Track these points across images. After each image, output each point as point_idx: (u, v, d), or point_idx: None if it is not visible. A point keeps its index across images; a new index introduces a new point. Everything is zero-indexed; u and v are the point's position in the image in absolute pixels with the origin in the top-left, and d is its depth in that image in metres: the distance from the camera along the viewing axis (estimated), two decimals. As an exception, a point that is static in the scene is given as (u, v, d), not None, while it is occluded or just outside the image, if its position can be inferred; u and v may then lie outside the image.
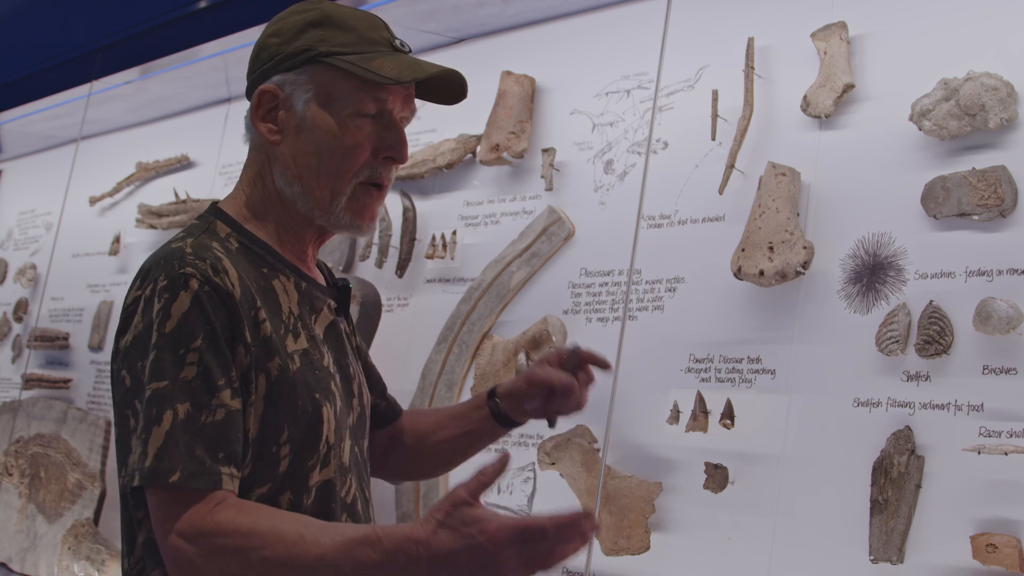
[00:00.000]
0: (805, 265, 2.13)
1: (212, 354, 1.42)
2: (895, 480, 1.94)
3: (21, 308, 4.61)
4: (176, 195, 3.85)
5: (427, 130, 3.06)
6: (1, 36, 4.44)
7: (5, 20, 4.41)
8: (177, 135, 4.08)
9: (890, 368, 2.01)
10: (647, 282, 2.44)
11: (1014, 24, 2.00)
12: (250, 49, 1.65)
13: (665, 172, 2.46)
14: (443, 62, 1.64)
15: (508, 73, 2.84)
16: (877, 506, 1.96)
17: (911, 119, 2.06)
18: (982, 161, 1.97)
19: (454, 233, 2.92)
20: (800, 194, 2.20)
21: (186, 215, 3.76)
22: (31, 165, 5.02)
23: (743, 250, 2.21)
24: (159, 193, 4.03)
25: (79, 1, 4.00)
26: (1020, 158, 1.94)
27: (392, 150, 1.59)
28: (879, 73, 2.17)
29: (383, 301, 2.99)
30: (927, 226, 2.02)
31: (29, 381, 4.27)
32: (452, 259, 2.91)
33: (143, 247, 4.04)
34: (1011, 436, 1.84)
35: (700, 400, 2.26)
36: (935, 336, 1.95)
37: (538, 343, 2.57)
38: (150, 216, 3.91)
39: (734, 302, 2.27)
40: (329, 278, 1.75)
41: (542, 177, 2.73)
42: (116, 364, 1.49)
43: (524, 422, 1.85)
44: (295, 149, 1.57)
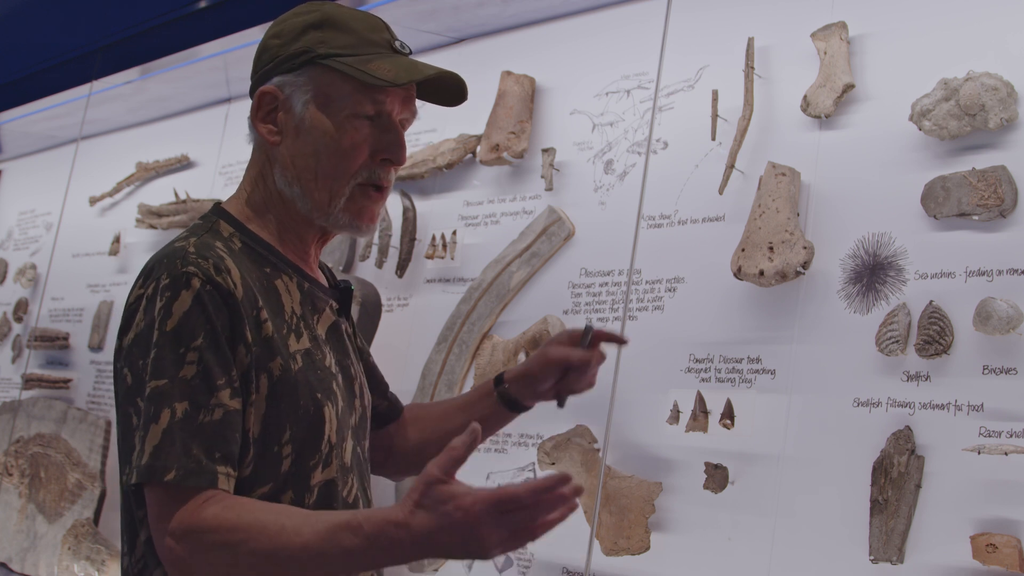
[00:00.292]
0: (805, 265, 2.13)
1: (212, 353, 1.42)
2: (895, 480, 1.94)
3: (21, 308, 4.61)
4: (176, 195, 3.85)
5: (427, 130, 3.06)
6: (1, 36, 4.44)
7: (5, 20, 4.41)
8: (177, 135, 4.08)
9: (890, 368, 2.01)
10: (647, 282, 2.44)
11: (1014, 24, 2.00)
12: (250, 49, 1.65)
13: (665, 172, 2.46)
14: (443, 62, 1.64)
15: (508, 73, 2.84)
16: (877, 506, 1.96)
17: (911, 119, 2.06)
18: (982, 161, 1.97)
19: (454, 233, 2.92)
20: (800, 194, 2.20)
21: (186, 215, 3.76)
22: (31, 165, 5.02)
23: (743, 250, 2.21)
24: (159, 193, 4.03)
25: (79, 1, 4.00)
26: (1020, 158, 1.94)
27: (389, 152, 1.59)
28: (879, 73, 2.17)
29: (383, 301, 2.99)
30: (927, 226, 2.02)
31: (29, 381, 4.27)
32: (452, 259, 2.91)
33: (143, 247, 4.03)
34: (1011, 436, 1.84)
35: (700, 400, 2.26)
36: (935, 336, 1.95)
37: (538, 343, 2.57)
38: (150, 216, 3.91)
39: (734, 302, 2.27)
40: (331, 279, 1.76)
41: (542, 177, 2.73)
42: (119, 362, 1.49)
43: (532, 405, 1.84)
44: (294, 150, 1.57)
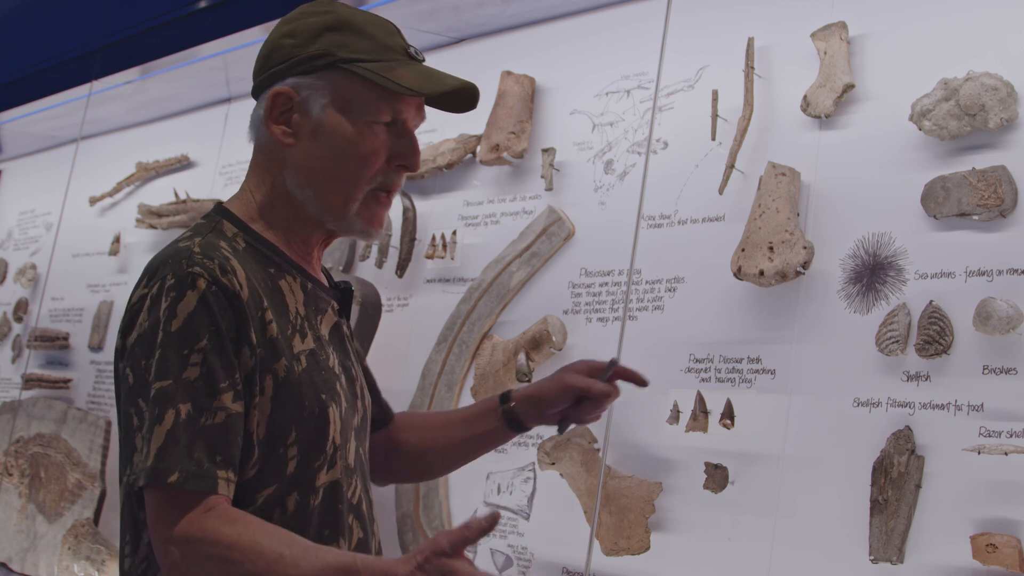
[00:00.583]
0: (805, 265, 2.13)
1: (216, 355, 1.42)
2: (895, 480, 1.94)
3: (21, 308, 4.61)
4: (176, 195, 3.85)
5: (427, 130, 3.04)
6: (1, 36, 4.44)
7: (5, 20, 4.41)
8: (177, 135, 4.08)
9: (890, 368, 2.01)
10: (647, 282, 2.44)
11: (1014, 24, 2.00)
12: (251, 49, 1.65)
13: (665, 172, 2.46)
14: (443, 62, 1.65)
15: (508, 73, 2.84)
16: (877, 506, 1.96)
17: (911, 119, 2.05)
18: (982, 161, 1.97)
19: (454, 233, 2.92)
20: (800, 194, 2.20)
21: (186, 215, 3.76)
22: (31, 165, 5.02)
23: (743, 250, 2.21)
24: (159, 193, 4.03)
25: (79, 1, 4.00)
26: (1020, 158, 1.94)
27: (405, 158, 1.60)
28: (879, 73, 2.17)
29: (383, 301, 2.99)
30: (927, 226, 2.02)
31: (29, 381, 4.27)
32: (452, 259, 2.91)
33: (143, 247, 4.03)
34: (1011, 436, 1.84)
35: (700, 400, 2.26)
36: (935, 336, 1.95)
37: (538, 343, 2.57)
38: (150, 216, 3.91)
39: (734, 302, 2.27)
40: (329, 280, 1.75)
41: (542, 177, 2.73)
42: (121, 362, 1.49)
43: (532, 428, 1.85)
44: (309, 153, 1.56)
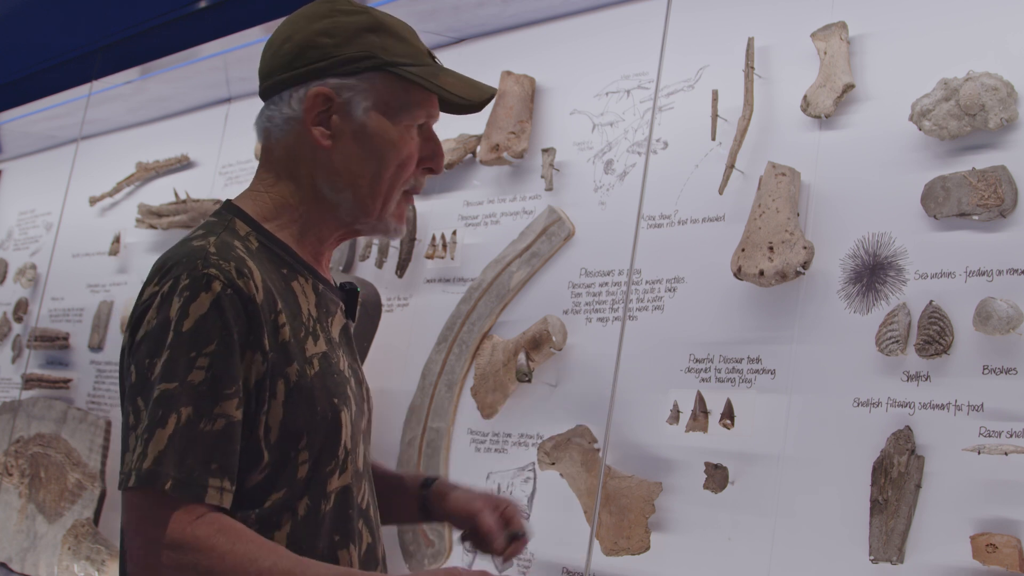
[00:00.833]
0: (805, 265, 2.13)
1: (224, 361, 1.39)
2: (895, 480, 1.94)
3: (21, 308, 4.61)
4: (176, 195, 3.85)
5: (427, 130, 3.06)
6: (1, 36, 4.44)
7: (5, 20, 4.41)
8: (177, 135, 4.08)
9: (890, 368, 2.01)
10: (647, 282, 2.44)
11: (1014, 24, 2.00)
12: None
13: (665, 172, 2.46)
14: (443, 62, 1.64)
15: (508, 73, 2.84)
16: (877, 506, 1.96)
17: (911, 119, 2.06)
18: (982, 161, 1.97)
19: (454, 233, 2.92)
20: (800, 194, 2.20)
21: (186, 215, 3.76)
22: (31, 165, 5.02)
23: (743, 250, 2.21)
24: (159, 193, 4.03)
25: (79, 1, 4.00)
26: (1020, 158, 1.94)
27: (432, 160, 1.61)
28: (879, 73, 2.17)
29: (383, 301, 2.99)
30: (927, 226, 2.02)
31: (29, 381, 4.27)
32: (452, 259, 2.91)
33: (143, 247, 4.04)
34: (1011, 436, 1.84)
35: (700, 400, 2.26)
36: (935, 336, 1.95)
37: (538, 343, 2.57)
38: (150, 216, 3.91)
39: (734, 302, 2.27)
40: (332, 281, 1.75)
41: (542, 177, 2.73)
42: (128, 359, 1.46)
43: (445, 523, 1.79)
44: (348, 156, 1.55)
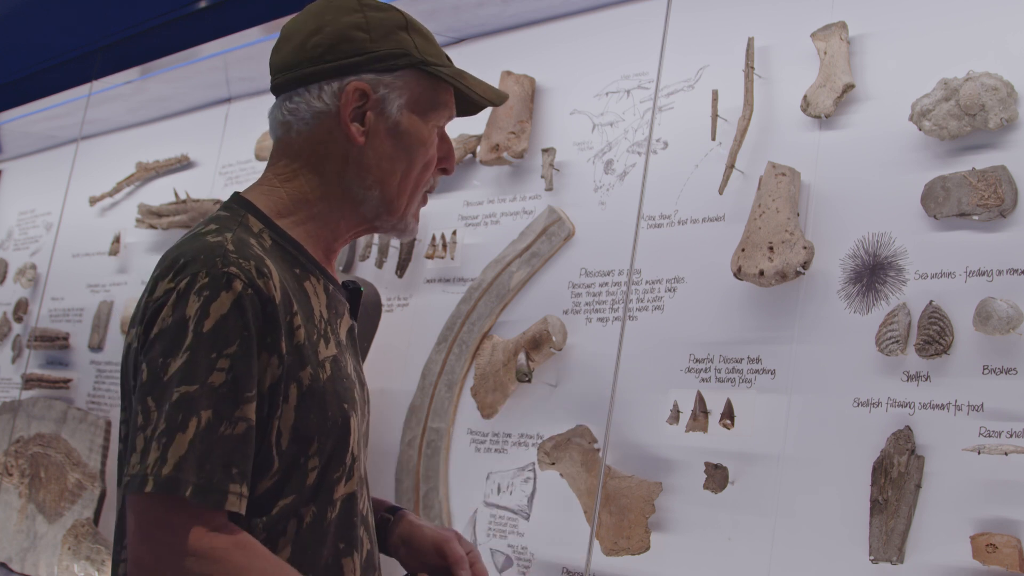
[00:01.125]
0: (805, 265, 2.13)
1: (244, 363, 1.35)
2: (895, 480, 1.94)
3: (21, 308, 4.61)
4: (176, 195, 3.85)
5: (427, 130, 3.06)
6: (1, 36, 4.44)
7: (5, 20, 4.41)
8: (177, 135, 4.08)
9: (890, 368, 2.01)
10: (647, 282, 2.44)
11: (1014, 24, 2.00)
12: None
13: (665, 172, 2.46)
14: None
15: (508, 73, 2.84)
16: (877, 506, 1.96)
17: (911, 119, 2.06)
18: (982, 161, 1.97)
19: (454, 233, 2.92)
20: (800, 194, 2.20)
21: (186, 215, 3.76)
22: (31, 165, 5.02)
23: (743, 250, 2.21)
24: (159, 193, 4.03)
25: (79, 1, 4.00)
26: (1020, 158, 1.94)
27: (448, 161, 1.64)
28: (879, 73, 2.17)
29: (383, 301, 2.99)
30: (927, 226, 2.02)
31: (29, 381, 4.27)
32: (452, 259, 2.91)
33: (143, 247, 4.04)
34: (1011, 436, 1.84)
35: (700, 400, 2.26)
36: (935, 336, 1.95)
37: (538, 343, 2.57)
38: (150, 216, 3.91)
39: (734, 302, 2.27)
40: None
41: (542, 177, 2.73)
42: (136, 356, 1.41)
43: (389, 551, 1.71)
44: (381, 153, 1.54)
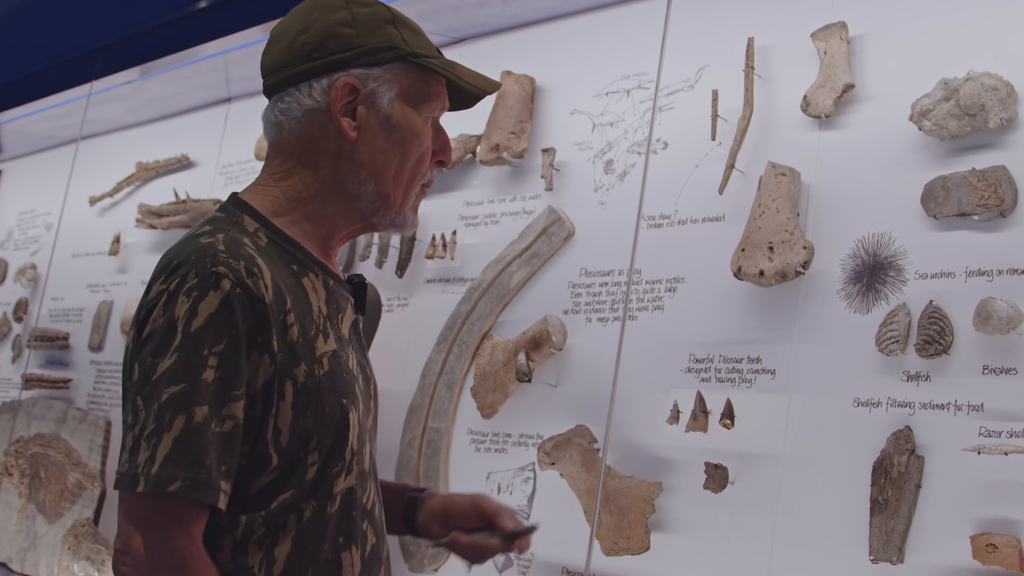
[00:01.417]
0: (805, 265, 2.13)
1: (232, 362, 1.36)
2: (895, 480, 1.94)
3: (21, 308, 4.61)
4: (176, 195, 3.85)
5: (427, 130, 3.06)
6: (1, 36, 4.44)
7: (5, 20, 4.41)
8: (177, 135, 4.08)
9: (890, 368, 2.01)
10: (647, 282, 2.44)
11: (1014, 24, 2.00)
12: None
13: (665, 172, 2.46)
14: (442, 60, 1.64)
15: (508, 73, 2.84)
16: (877, 506, 1.96)
17: (911, 119, 2.06)
18: (982, 161, 1.97)
19: (454, 233, 2.92)
20: (800, 194, 2.20)
21: (186, 215, 3.76)
22: (31, 165, 5.02)
23: (743, 250, 2.21)
24: (159, 193, 4.03)
25: (79, 1, 4.00)
26: (1020, 158, 1.94)
27: (444, 153, 1.61)
28: (879, 73, 2.17)
29: (383, 301, 2.99)
30: (927, 226, 2.02)
31: (29, 381, 4.27)
32: (452, 259, 2.91)
33: (143, 247, 4.04)
34: (1011, 436, 1.84)
35: (700, 400, 2.26)
36: (935, 336, 1.95)
37: (538, 343, 2.57)
38: (150, 216, 3.91)
39: (734, 302, 2.27)
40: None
41: (542, 177, 2.73)
42: (131, 357, 1.43)
43: (419, 529, 1.71)
44: (373, 147, 1.53)
